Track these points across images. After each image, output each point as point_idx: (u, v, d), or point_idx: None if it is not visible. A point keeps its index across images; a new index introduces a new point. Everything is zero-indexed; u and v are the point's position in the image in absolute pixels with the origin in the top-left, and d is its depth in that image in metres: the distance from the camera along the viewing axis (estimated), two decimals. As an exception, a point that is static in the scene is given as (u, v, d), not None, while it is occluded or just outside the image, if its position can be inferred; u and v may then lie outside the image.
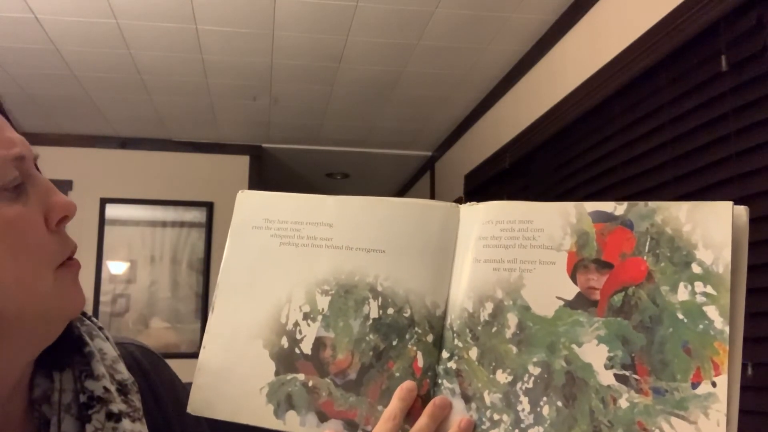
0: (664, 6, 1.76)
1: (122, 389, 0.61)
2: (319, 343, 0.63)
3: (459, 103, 3.32)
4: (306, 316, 0.64)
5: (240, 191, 0.70)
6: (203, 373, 0.65)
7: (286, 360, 0.64)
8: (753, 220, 1.50)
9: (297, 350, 0.64)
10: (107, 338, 0.65)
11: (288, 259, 0.66)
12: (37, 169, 0.60)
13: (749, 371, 1.42)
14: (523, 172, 2.76)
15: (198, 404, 0.64)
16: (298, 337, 0.64)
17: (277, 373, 0.63)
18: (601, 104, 2.10)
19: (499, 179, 2.98)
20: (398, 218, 0.65)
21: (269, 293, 0.66)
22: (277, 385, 0.63)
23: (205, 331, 0.66)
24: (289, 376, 0.63)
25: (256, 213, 0.69)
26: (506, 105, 2.99)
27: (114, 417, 0.58)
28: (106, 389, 0.59)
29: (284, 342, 0.64)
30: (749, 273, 1.59)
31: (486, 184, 3.13)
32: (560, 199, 1.44)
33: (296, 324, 0.64)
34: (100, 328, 0.65)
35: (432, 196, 4.06)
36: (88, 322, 0.64)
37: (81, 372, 0.59)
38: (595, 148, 2.16)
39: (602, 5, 2.15)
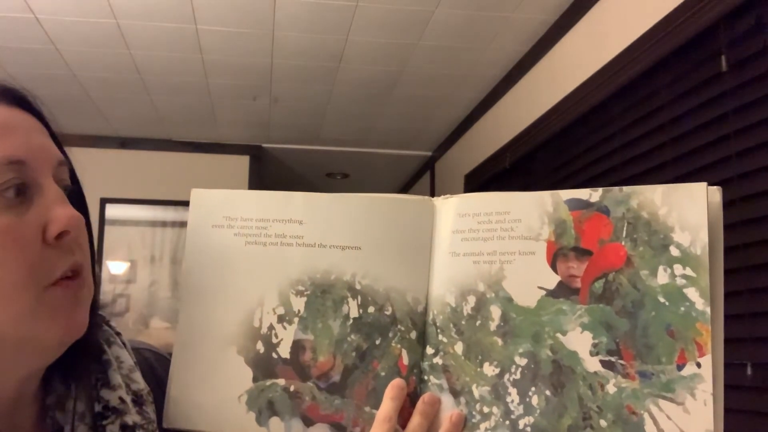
0: (664, 6, 1.76)
1: (137, 400, 0.60)
2: (297, 347, 0.61)
3: (459, 103, 3.31)
4: (281, 319, 0.62)
5: (193, 189, 0.66)
6: (177, 384, 0.62)
7: (264, 365, 0.61)
8: (753, 221, 1.51)
9: (274, 355, 0.61)
10: (124, 344, 0.63)
11: (256, 260, 0.63)
12: (75, 178, 0.58)
13: (749, 371, 1.42)
14: (524, 172, 2.76)
15: (174, 417, 0.62)
16: (275, 341, 0.62)
17: (255, 380, 0.61)
18: (601, 104, 2.10)
19: (499, 179, 2.98)
20: (372, 214, 0.63)
21: (238, 296, 0.63)
22: (257, 392, 0.61)
23: (174, 341, 0.63)
24: (269, 382, 0.61)
25: (215, 211, 0.65)
26: (506, 105, 2.98)
27: (128, 429, 0.57)
28: (121, 400, 0.58)
29: (260, 347, 0.62)
30: (749, 273, 1.58)
31: (486, 184, 3.12)
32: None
33: (271, 327, 0.62)
34: (118, 334, 0.63)
35: (432, 196, 4.05)
36: (106, 327, 0.63)
37: (97, 380, 0.58)
38: (595, 148, 2.16)
39: (602, 5, 2.14)
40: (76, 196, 0.58)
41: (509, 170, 2.84)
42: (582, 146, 2.24)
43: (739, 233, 1.44)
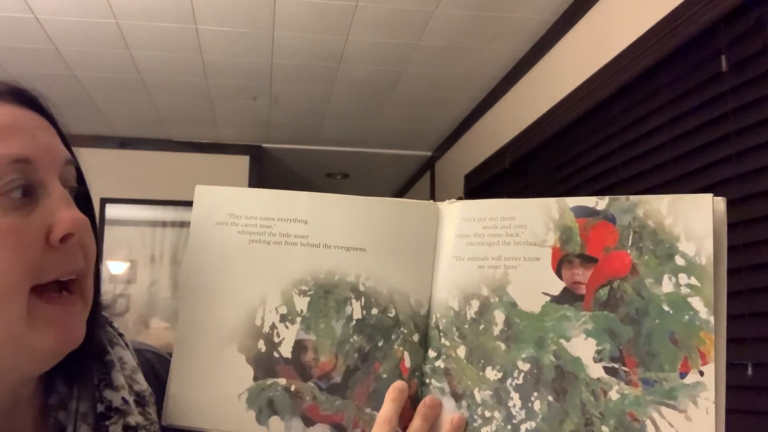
0: (664, 6, 1.76)
1: (140, 401, 0.60)
2: (299, 346, 0.61)
3: (459, 103, 3.31)
4: (283, 318, 0.62)
5: (197, 186, 0.65)
6: (176, 381, 0.62)
7: (265, 364, 0.61)
8: (753, 221, 1.51)
9: (276, 354, 0.61)
10: (127, 345, 0.63)
11: (259, 258, 0.63)
12: (82, 179, 0.58)
13: (749, 371, 1.42)
14: (523, 172, 2.76)
15: (173, 415, 0.61)
16: (276, 340, 0.62)
17: (255, 378, 0.61)
18: (601, 104, 2.10)
19: (499, 179, 2.98)
20: (377, 216, 0.63)
21: (240, 294, 0.63)
22: (257, 391, 0.61)
23: (175, 338, 0.63)
24: (269, 381, 0.61)
25: (219, 208, 0.64)
26: (506, 105, 2.98)
27: (131, 430, 0.57)
28: (124, 400, 0.58)
29: (261, 346, 0.62)
30: (749, 274, 1.58)
31: (486, 184, 3.12)
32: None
33: (273, 326, 0.62)
34: (121, 335, 0.63)
35: (432, 197, 4.06)
36: (109, 328, 0.63)
37: (100, 381, 0.58)
38: (595, 148, 2.16)
39: (602, 5, 2.14)
40: (82, 197, 0.58)
41: (509, 170, 2.84)
42: (582, 146, 2.24)
43: (739, 233, 1.44)
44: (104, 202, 3.80)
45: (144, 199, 3.91)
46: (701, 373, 0.54)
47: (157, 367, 0.67)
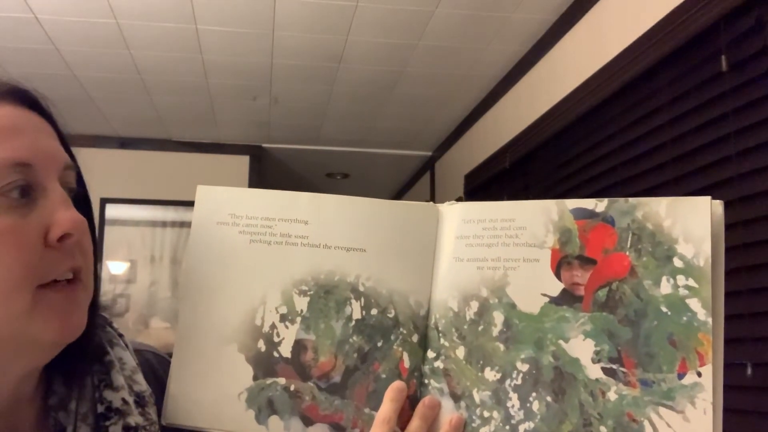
0: (663, 6, 1.76)
1: (140, 401, 0.60)
2: (299, 346, 0.62)
3: (459, 103, 3.32)
4: (283, 318, 0.62)
5: (199, 186, 0.65)
6: (176, 380, 0.62)
7: (265, 364, 0.61)
8: (753, 221, 1.51)
9: (275, 354, 0.62)
10: (126, 346, 0.63)
11: (260, 258, 0.63)
12: (81, 181, 0.58)
13: (749, 371, 1.42)
14: (523, 172, 2.76)
15: (173, 414, 0.62)
16: (276, 339, 0.62)
17: (255, 378, 0.61)
18: (601, 104, 2.10)
19: (499, 179, 2.98)
20: (377, 217, 0.63)
21: (241, 294, 0.63)
22: (257, 390, 0.61)
23: (175, 337, 0.63)
24: (269, 381, 0.61)
25: (221, 208, 0.65)
26: (506, 105, 2.98)
27: (131, 430, 0.57)
28: (124, 401, 0.58)
29: (261, 345, 0.62)
30: (749, 273, 1.58)
31: (486, 184, 3.12)
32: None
33: (273, 326, 0.62)
34: (120, 336, 0.64)
35: (432, 197, 4.06)
36: (109, 329, 0.63)
37: (100, 381, 0.58)
38: (595, 148, 2.16)
39: (602, 5, 2.15)
40: (81, 198, 0.58)
41: (509, 170, 2.84)
42: (582, 146, 2.25)
43: (739, 233, 1.44)
44: (104, 202, 3.80)
45: (144, 199, 3.91)
46: (699, 374, 0.54)
47: (157, 367, 0.67)
